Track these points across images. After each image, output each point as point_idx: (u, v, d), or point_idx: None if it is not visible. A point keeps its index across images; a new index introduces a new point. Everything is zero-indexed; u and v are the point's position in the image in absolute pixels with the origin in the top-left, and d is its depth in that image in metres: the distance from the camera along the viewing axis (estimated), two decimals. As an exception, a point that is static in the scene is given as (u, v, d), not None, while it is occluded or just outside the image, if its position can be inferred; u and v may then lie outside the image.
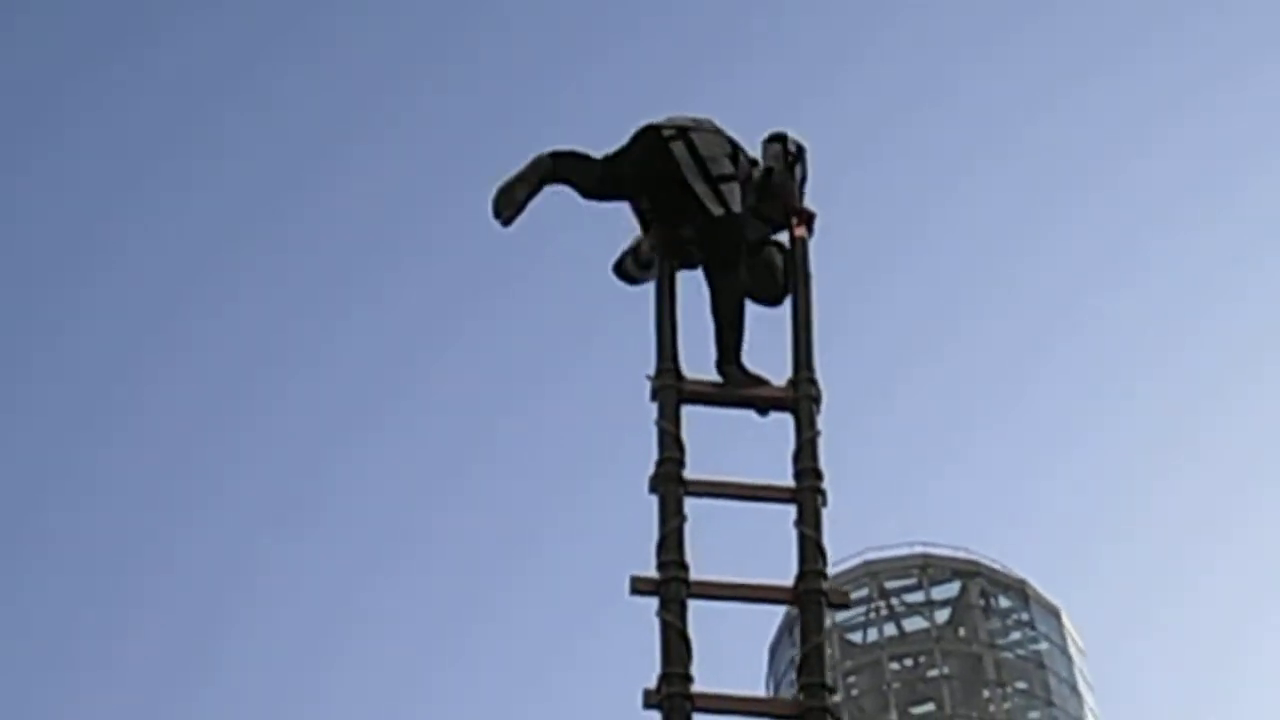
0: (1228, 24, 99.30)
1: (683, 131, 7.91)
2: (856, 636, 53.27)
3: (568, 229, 8.21)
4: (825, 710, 7.14)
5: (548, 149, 7.99)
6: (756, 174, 8.09)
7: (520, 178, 7.89)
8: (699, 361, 7.80)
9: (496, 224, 7.90)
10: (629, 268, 8.17)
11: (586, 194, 8.03)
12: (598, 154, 8.04)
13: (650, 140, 7.92)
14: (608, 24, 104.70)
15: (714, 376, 7.89)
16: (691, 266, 7.99)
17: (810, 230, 8.13)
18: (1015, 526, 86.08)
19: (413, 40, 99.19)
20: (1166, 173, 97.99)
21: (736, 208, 7.86)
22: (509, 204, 7.88)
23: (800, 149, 8.17)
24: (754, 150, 8.17)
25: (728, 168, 7.90)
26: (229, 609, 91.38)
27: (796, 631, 7.37)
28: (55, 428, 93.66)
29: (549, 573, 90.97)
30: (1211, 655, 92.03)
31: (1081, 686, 52.83)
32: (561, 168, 7.94)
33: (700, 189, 7.81)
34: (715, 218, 7.80)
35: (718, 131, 8.01)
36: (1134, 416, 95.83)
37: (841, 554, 51.36)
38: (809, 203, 8.21)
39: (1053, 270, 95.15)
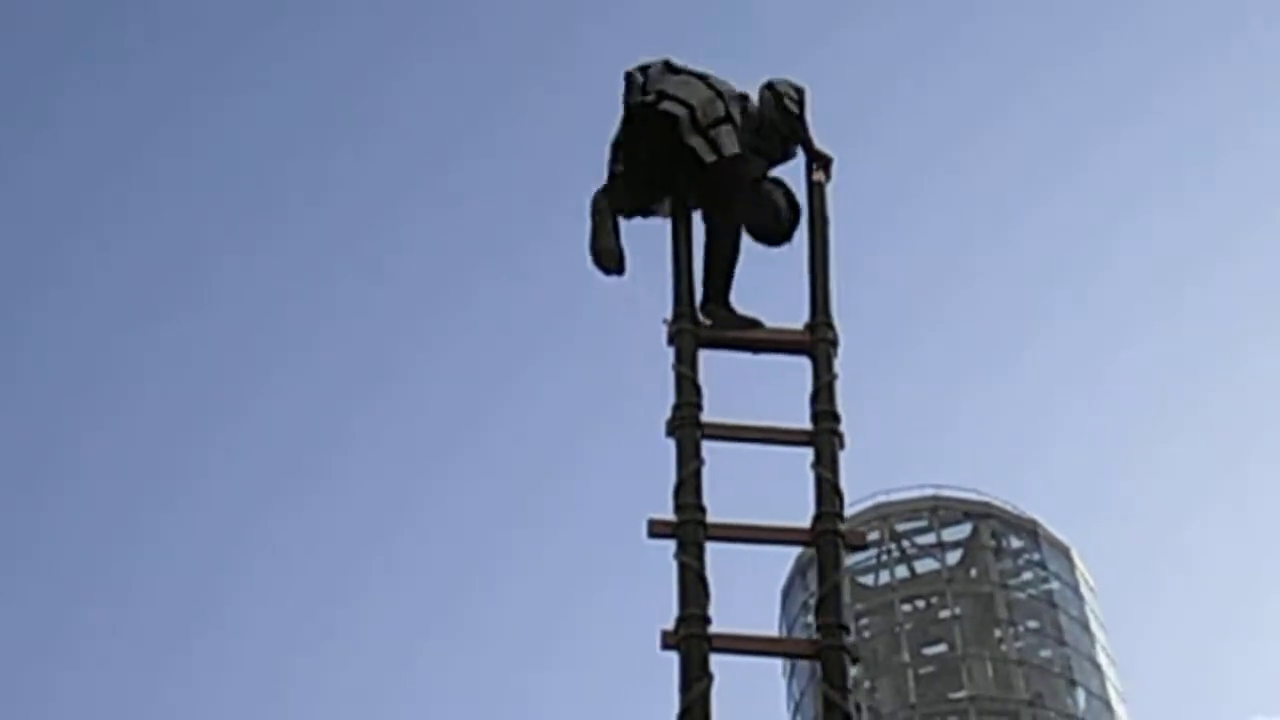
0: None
1: (661, 94, 7.89)
2: (868, 579, 53.35)
3: (571, 180, 8.20)
4: (842, 649, 7.19)
5: (597, 188, 7.99)
6: (751, 109, 8.07)
7: (595, 229, 7.88)
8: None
9: (613, 278, 7.88)
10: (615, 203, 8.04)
11: (630, 216, 8.03)
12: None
13: (643, 116, 7.88)
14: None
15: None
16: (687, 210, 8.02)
17: (828, 175, 8.14)
18: (1026, 467, 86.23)
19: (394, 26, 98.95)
20: (1188, 110, 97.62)
21: (731, 149, 7.86)
22: (607, 256, 7.85)
23: (799, 91, 8.11)
24: (739, 87, 8.16)
25: (720, 110, 7.90)
26: (232, 577, 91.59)
27: (810, 575, 7.44)
28: (37, 415, 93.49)
29: (568, 517, 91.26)
30: (1223, 593, 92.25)
31: (1093, 625, 52.96)
32: (616, 199, 7.94)
33: (695, 142, 7.81)
34: (709, 164, 7.82)
35: (693, 76, 8.00)
36: (1144, 358, 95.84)
37: (853, 497, 51.20)
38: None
39: (1062, 216, 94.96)
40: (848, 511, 7.21)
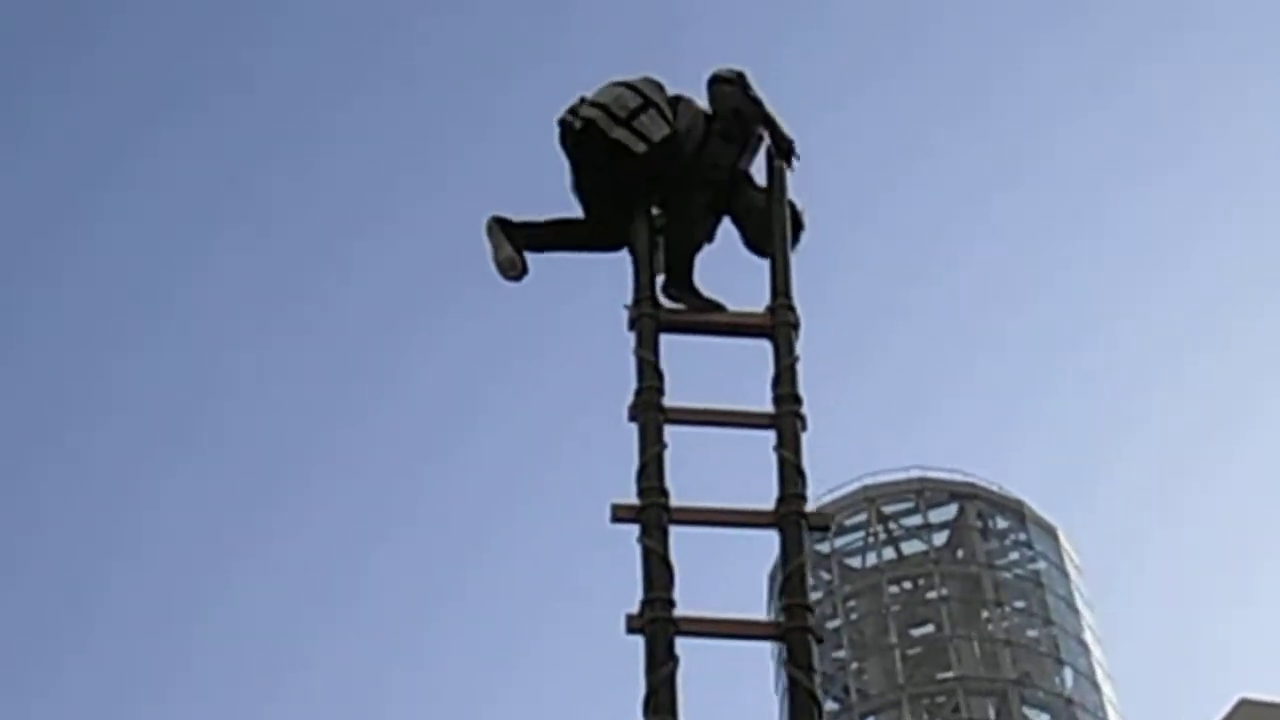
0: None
1: (575, 111, 7.96)
2: (855, 561, 53.48)
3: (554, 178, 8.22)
4: (807, 630, 7.21)
5: (489, 215, 8.10)
6: (690, 101, 8.10)
7: (495, 247, 8.03)
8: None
9: (513, 282, 8.07)
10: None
11: (610, 248, 8.08)
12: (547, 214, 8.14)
13: (573, 139, 7.95)
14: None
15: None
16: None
17: (788, 160, 8.15)
18: (1012, 448, 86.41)
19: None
20: (1177, 76, 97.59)
21: (659, 134, 7.90)
22: (509, 265, 8.01)
23: (741, 75, 8.13)
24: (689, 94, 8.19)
25: (634, 100, 7.94)
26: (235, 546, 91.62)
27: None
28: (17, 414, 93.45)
29: (533, 504, 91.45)
30: (1207, 572, 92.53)
31: (1079, 604, 53.09)
32: (523, 236, 8.04)
33: (620, 135, 7.86)
34: (639, 155, 7.87)
35: (610, 84, 8.05)
36: (1127, 336, 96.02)
37: (839, 480, 51.50)
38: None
39: (1042, 198, 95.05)
40: (834, 494, 7.23)
